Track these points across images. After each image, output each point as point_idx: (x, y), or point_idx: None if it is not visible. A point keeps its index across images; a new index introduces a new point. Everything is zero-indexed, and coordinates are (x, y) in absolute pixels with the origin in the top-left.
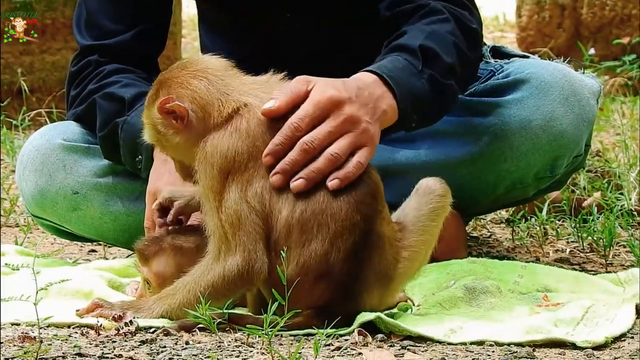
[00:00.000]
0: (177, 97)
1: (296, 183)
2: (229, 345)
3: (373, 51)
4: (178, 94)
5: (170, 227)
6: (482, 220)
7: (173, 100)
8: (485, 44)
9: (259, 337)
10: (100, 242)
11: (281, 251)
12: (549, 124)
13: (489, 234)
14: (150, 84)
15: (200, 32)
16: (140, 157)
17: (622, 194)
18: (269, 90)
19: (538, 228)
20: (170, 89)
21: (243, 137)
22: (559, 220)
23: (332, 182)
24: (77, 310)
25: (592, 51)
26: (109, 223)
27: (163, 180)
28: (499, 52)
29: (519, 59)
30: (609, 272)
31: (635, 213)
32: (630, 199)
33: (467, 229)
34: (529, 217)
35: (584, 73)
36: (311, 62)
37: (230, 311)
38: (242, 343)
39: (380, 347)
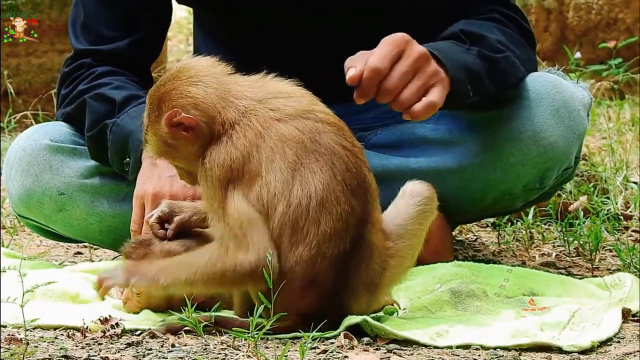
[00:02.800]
0: (181, 109)
1: None
2: (214, 348)
3: None
4: (181, 106)
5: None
6: (468, 224)
7: (179, 114)
8: None
9: (245, 340)
10: (86, 244)
11: (267, 254)
12: (539, 135)
13: (475, 237)
14: (141, 88)
15: (195, 37)
16: (128, 159)
17: (608, 198)
18: (263, 89)
19: (524, 232)
20: (172, 102)
21: (237, 144)
22: (545, 224)
23: (404, 116)
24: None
25: (577, 55)
26: (95, 224)
27: (151, 183)
28: None
29: None
30: (595, 276)
31: (621, 217)
32: (616, 203)
33: (452, 232)
34: (515, 221)
35: (577, 82)
36: (309, 66)
37: (216, 314)
38: (228, 346)
39: (366, 351)
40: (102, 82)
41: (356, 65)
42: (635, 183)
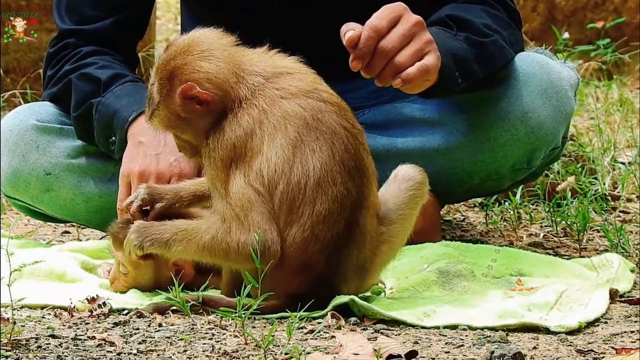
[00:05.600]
0: (196, 83)
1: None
2: (202, 327)
3: None
4: (195, 80)
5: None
6: (455, 204)
7: (194, 87)
8: None
9: (232, 319)
10: (74, 224)
11: (263, 235)
12: (527, 115)
13: (463, 217)
14: (126, 67)
15: (182, 18)
16: (114, 138)
17: (596, 178)
18: (270, 64)
19: (512, 212)
20: (184, 76)
21: (240, 122)
22: (532, 205)
23: (396, 81)
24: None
25: (566, 35)
26: (82, 204)
27: (137, 162)
28: None
29: None
30: (583, 256)
31: (609, 198)
32: (604, 184)
33: (440, 212)
34: (502, 201)
35: (565, 62)
36: (297, 46)
37: (203, 293)
38: (215, 325)
39: (353, 331)
40: (88, 62)
41: (354, 28)
42: (623, 163)
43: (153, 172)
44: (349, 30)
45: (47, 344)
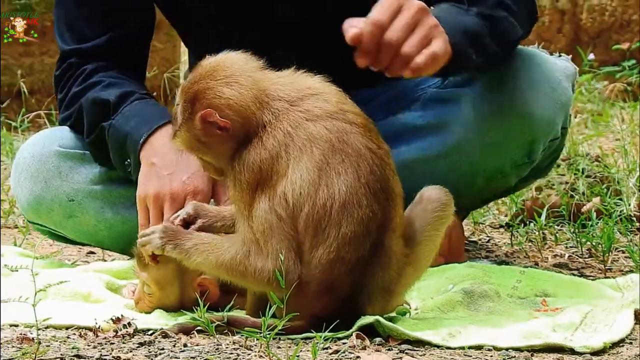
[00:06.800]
0: (216, 110)
1: None
2: (226, 347)
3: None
4: (215, 106)
5: None
6: (480, 225)
7: (213, 114)
8: None
9: (257, 340)
10: None
11: (279, 254)
12: (519, 108)
13: (488, 238)
14: (132, 80)
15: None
16: (129, 160)
17: (621, 199)
18: (294, 87)
19: (537, 233)
20: (206, 100)
21: (266, 145)
22: (557, 226)
23: (406, 72)
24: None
25: (591, 56)
26: (104, 230)
27: (152, 184)
28: None
29: None
30: (608, 277)
31: (634, 218)
32: (629, 205)
33: (465, 233)
34: (527, 222)
35: (560, 56)
36: (300, 61)
37: (228, 314)
38: (240, 346)
39: (378, 351)
40: (94, 82)
41: (356, 25)
42: None
43: (167, 193)
44: (351, 28)
45: None
